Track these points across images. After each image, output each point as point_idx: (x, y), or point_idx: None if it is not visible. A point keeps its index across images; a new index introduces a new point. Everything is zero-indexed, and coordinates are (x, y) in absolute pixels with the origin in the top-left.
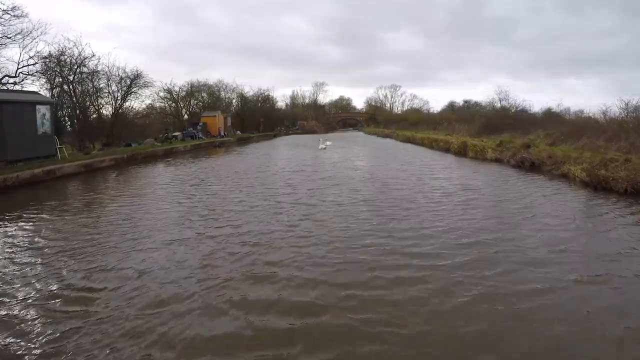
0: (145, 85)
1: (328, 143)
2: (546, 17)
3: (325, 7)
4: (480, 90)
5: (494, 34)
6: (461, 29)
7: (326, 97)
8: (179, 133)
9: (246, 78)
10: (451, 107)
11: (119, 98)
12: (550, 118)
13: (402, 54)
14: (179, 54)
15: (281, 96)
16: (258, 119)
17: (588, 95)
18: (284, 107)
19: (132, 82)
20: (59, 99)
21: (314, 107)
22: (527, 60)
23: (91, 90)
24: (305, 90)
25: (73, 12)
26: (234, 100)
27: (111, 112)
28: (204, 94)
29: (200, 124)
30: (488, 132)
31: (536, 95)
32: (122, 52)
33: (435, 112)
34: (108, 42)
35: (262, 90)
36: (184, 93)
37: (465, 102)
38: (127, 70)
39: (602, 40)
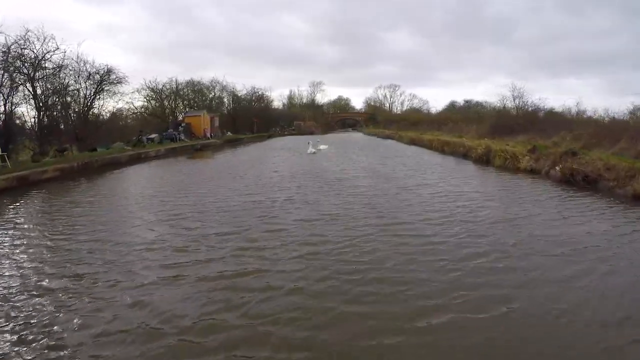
0: (119, 81)
1: (322, 147)
2: (546, 17)
3: (324, 7)
4: (480, 90)
5: (493, 34)
6: (461, 29)
7: (324, 97)
8: (156, 135)
9: (244, 78)
10: (452, 106)
11: (88, 96)
12: (553, 117)
13: (402, 54)
14: (177, 54)
15: (278, 96)
16: (252, 119)
17: (588, 96)
18: (281, 107)
19: (102, 78)
20: (8, 97)
21: (312, 107)
22: (527, 60)
23: (57, 87)
24: (302, 90)
25: (70, 11)
26: (225, 99)
27: (79, 112)
28: (189, 92)
29: (183, 124)
30: (500, 134)
31: (536, 95)
32: (119, 51)
33: (434, 112)
34: (104, 42)
35: (256, 89)
36: (167, 91)
37: (466, 101)
38: (95, 65)
39: (602, 40)
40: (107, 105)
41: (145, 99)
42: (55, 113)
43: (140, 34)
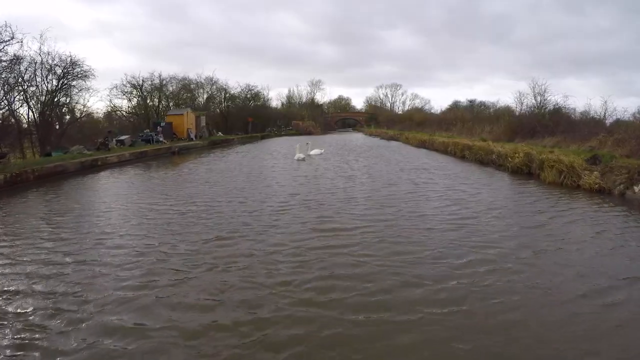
0: (84, 75)
1: (314, 152)
2: (545, 16)
3: (324, 7)
4: (479, 90)
5: (492, 34)
6: (459, 29)
7: (324, 97)
8: (127, 137)
9: (243, 77)
10: (455, 106)
11: (50, 92)
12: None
13: (399, 54)
14: (175, 54)
15: (277, 95)
16: (246, 119)
17: (588, 96)
18: (279, 106)
19: (66, 71)
20: None
21: (311, 107)
22: (526, 59)
23: (14, 82)
24: (302, 89)
25: (67, 11)
26: (216, 97)
27: (41, 111)
28: (173, 89)
29: (162, 124)
30: (522, 136)
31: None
32: (115, 50)
33: (436, 112)
34: (104, 41)
35: (251, 86)
36: (148, 87)
37: (470, 101)
38: (56, 57)
39: (601, 40)
40: (77, 103)
41: (125, 97)
42: (8, 112)
43: (138, 33)
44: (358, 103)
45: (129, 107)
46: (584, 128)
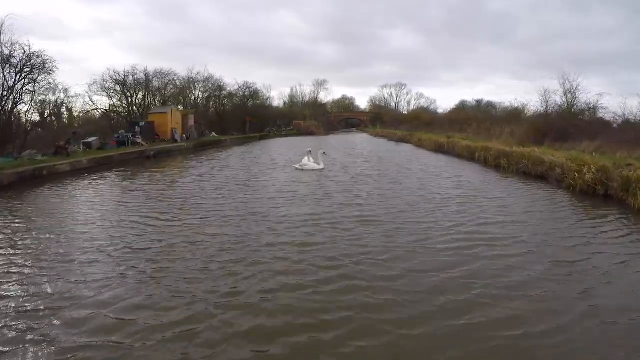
0: (44, 69)
1: (320, 160)
2: (545, 16)
3: (319, 4)
4: (478, 91)
5: (493, 34)
6: (459, 29)
7: (328, 96)
8: (94, 139)
9: (241, 77)
10: (462, 106)
11: (5, 87)
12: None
13: (400, 54)
14: (175, 54)
15: (279, 94)
16: (245, 118)
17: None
18: (281, 105)
19: (25, 63)
20: None
21: (314, 106)
22: (526, 59)
23: None
24: (305, 88)
25: (66, 10)
26: (211, 95)
27: None
28: (157, 83)
29: (142, 124)
30: (552, 139)
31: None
32: (115, 50)
33: (445, 111)
34: (100, 40)
35: (249, 84)
36: (131, 83)
37: (477, 101)
38: (15, 47)
39: (602, 40)
40: (42, 101)
41: (104, 93)
42: None
43: (138, 33)
44: (361, 103)
45: (110, 104)
46: (630, 132)
